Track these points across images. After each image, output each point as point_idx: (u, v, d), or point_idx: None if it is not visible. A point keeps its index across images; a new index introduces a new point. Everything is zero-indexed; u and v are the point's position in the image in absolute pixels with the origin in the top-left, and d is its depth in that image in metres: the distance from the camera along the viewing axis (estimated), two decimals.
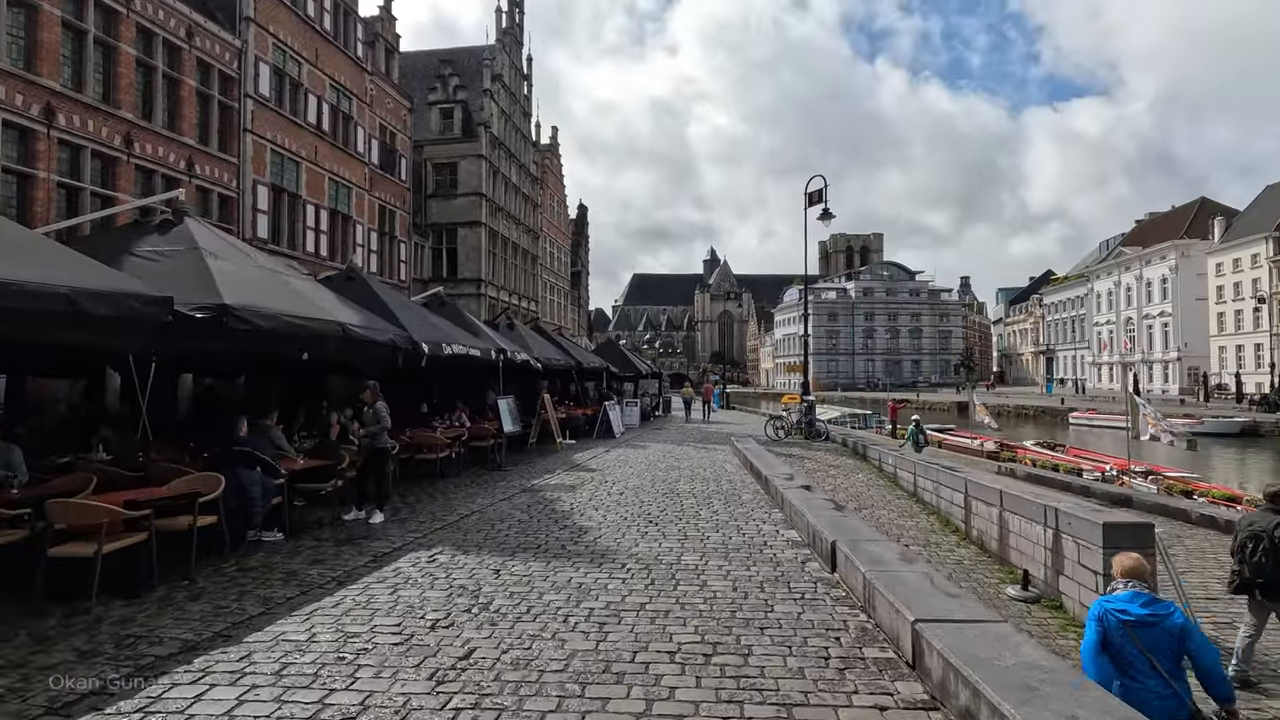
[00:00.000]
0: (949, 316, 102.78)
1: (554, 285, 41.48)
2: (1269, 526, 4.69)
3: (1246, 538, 4.84)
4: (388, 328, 8.96)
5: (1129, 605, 3.22)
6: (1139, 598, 3.25)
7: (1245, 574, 4.83)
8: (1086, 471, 18.94)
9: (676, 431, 22.21)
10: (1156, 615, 3.18)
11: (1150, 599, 3.28)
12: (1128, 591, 3.29)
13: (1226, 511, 11.18)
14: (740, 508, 8.40)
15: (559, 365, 18.58)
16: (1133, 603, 3.23)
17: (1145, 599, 3.25)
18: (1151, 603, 3.25)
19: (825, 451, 16.32)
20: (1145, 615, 3.17)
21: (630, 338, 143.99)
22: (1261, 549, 4.63)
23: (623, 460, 13.75)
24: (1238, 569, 4.93)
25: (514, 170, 33.83)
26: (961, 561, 8.45)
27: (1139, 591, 3.28)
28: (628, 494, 9.46)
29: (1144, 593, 3.29)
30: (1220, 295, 53.65)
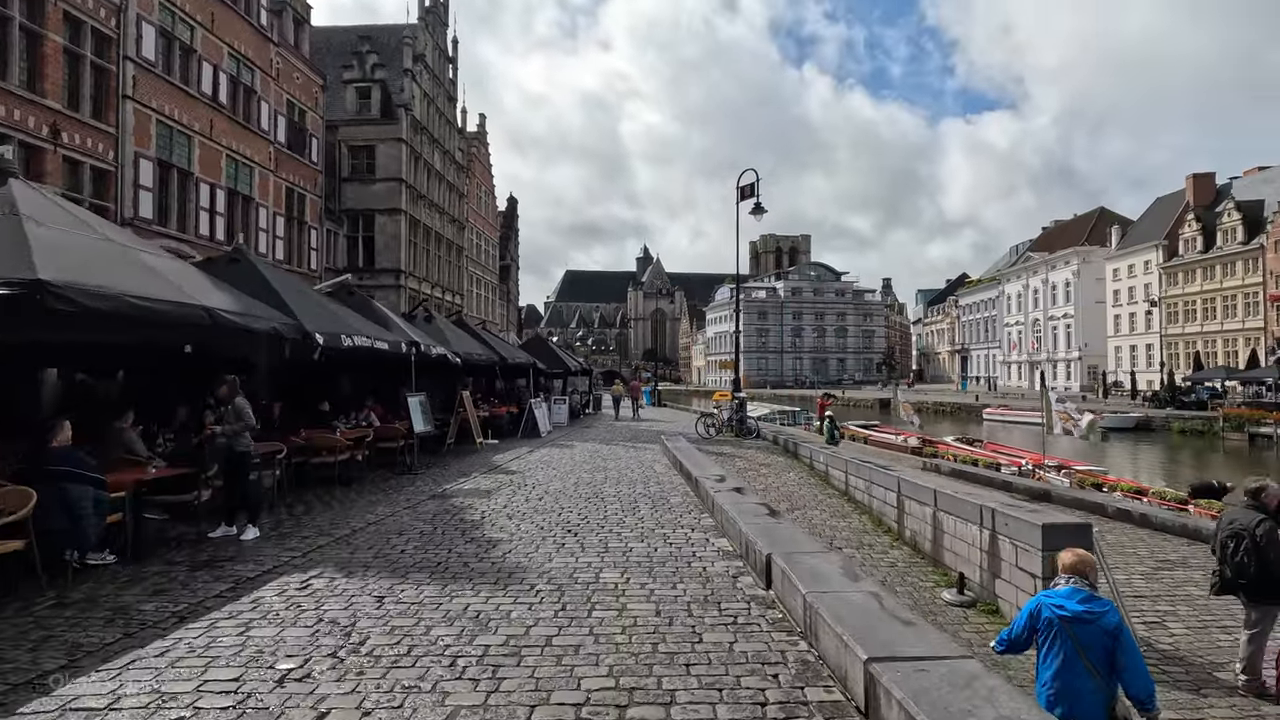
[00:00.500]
0: (872, 316, 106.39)
1: (481, 279, 40.00)
2: (1250, 525, 4.45)
3: (1227, 537, 4.59)
4: (273, 315, 7.87)
5: (1067, 601, 3.18)
6: (1078, 594, 3.21)
7: (1227, 574, 4.58)
8: (1004, 466, 19.39)
9: (605, 430, 21.53)
10: (1093, 613, 3.15)
11: (1088, 596, 3.23)
12: (1068, 588, 3.25)
13: (1140, 505, 11.45)
14: (668, 513, 7.79)
15: (481, 361, 17.54)
16: (1071, 599, 3.19)
17: (1083, 595, 3.20)
18: (1089, 600, 3.20)
19: (756, 450, 16.00)
20: (1082, 612, 3.13)
21: (563, 334, 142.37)
22: (1243, 548, 4.39)
23: (546, 461, 12.95)
24: (1219, 569, 4.69)
25: (438, 157, 32.27)
26: (895, 564, 8.14)
27: (1078, 588, 3.24)
28: (547, 499, 8.70)
29: (1083, 589, 3.24)
30: (1116, 299, 57.40)
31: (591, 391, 34.45)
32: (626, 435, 19.52)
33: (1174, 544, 9.69)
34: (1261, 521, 4.51)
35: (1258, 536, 4.41)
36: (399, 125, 27.49)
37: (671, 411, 35.90)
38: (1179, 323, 50.31)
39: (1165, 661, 5.76)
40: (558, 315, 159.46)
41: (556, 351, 27.48)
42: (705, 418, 20.00)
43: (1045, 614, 3.22)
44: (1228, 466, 28.26)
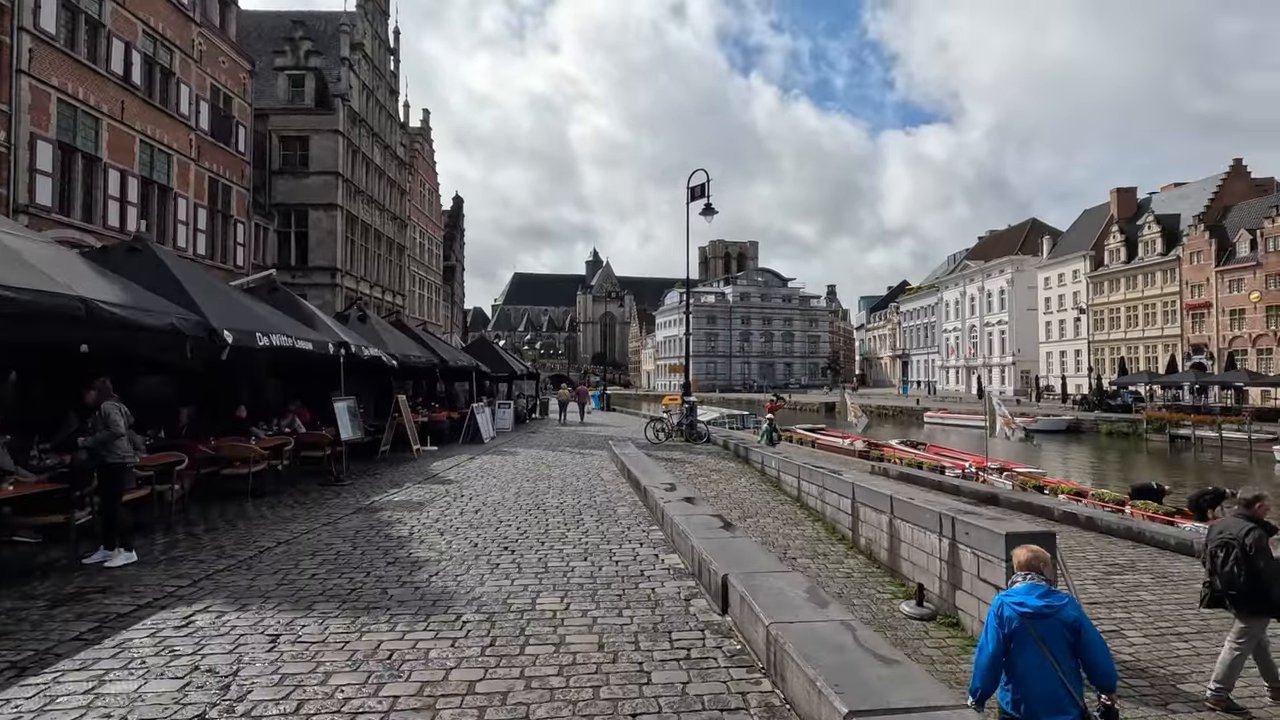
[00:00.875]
0: (818, 322, 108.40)
1: (424, 279, 38.64)
2: (1239, 534, 4.23)
3: (1217, 547, 4.37)
4: (172, 310, 7.01)
5: (1026, 597, 3.17)
6: (1035, 589, 3.19)
7: (1217, 585, 4.36)
8: (948, 469, 19.61)
9: (551, 435, 20.84)
10: (1052, 607, 3.13)
11: (1046, 590, 3.20)
12: (1025, 584, 3.23)
13: (1085, 508, 11.54)
14: (615, 525, 7.26)
15: (420, 364, 16.66)
16: (1030, 595, 3.17)
17: (1042, 590, 3.18)
18: (1048, 594, 3.18)
19: (706, 455, 15.63)
20: (1041, 607, 3.12)
21: (510, 338, 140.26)
22: (1233, 558, 4.17)
23: (487, 469, 12.24)
24: (1209, 580, 4.47)
25: (378, 151, 30.95)
26: (851, 574, 7.81)
27: (1035, 584, 3.22)
28: (484, 512, 8.04)
29: (1040, 584, 3.21)
30: (1047, 306, 59.90)
31: (539, 396, 33.63)
32: (573, 441, 18.89)
33: (1120, 547, 9.71)
34: (1251, 530, 4.31)
35: (1247, 546, 4.21)
36: (335, 116, 26.17)
37: (620, 416, 35.36)
38: (1105, 329, 52.77)
39: (1129, 674, 5.55)
40: (505, 318, 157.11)
41: (502, 354, 26.63)
42: (654, 422, 19.57)
43: (1007, 613, 3.17)
44: (1151, 466, 29.57)
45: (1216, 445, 32.08)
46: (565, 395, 30.78)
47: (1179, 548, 9.33)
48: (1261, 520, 4.48)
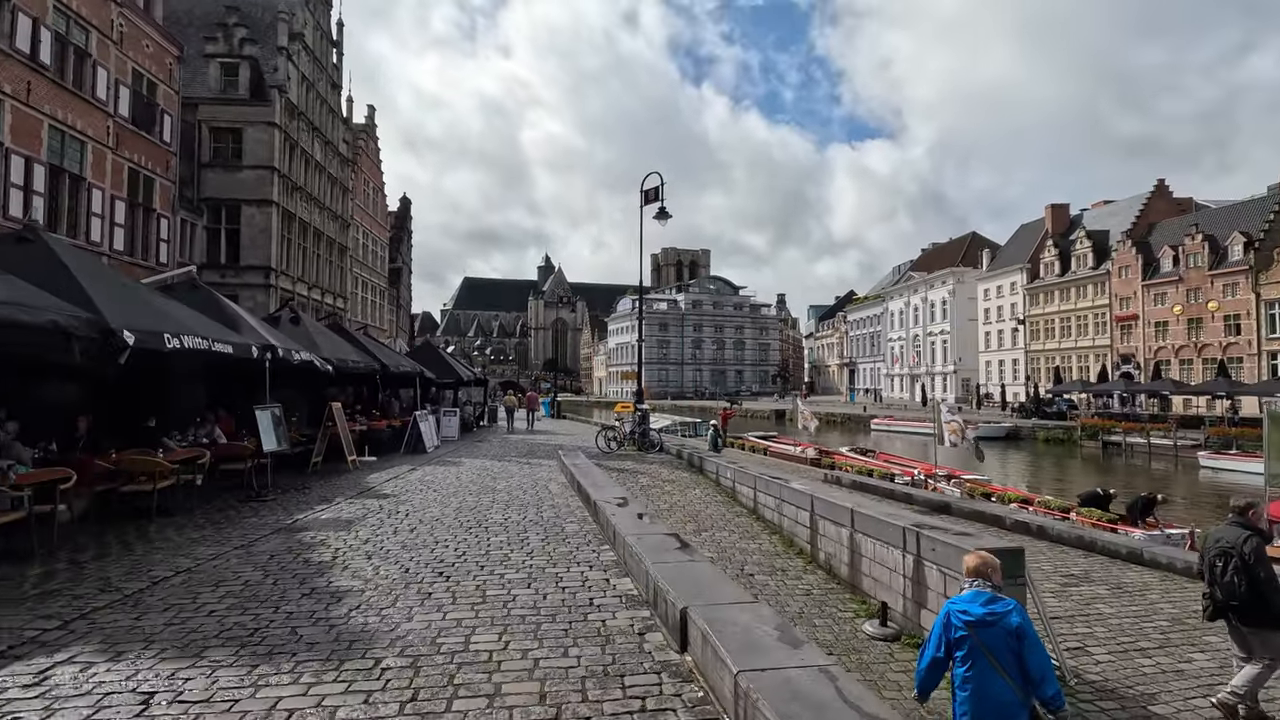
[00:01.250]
0: (768, 330, 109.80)
1: (368, 282, 37.19)
2: (1237, 542, 4.01)
3: (1215, 556, 4.15)
4: (53, 307, 6.16)
5: (970, 605, 3.14)
6: (980, 596, 3.16)
7: (1218, 596, 4.13)
8: (898, 476, 19.73)
9: (499, 444, 20.08)
10: (995, 614, 3.08)
11: (991, 598, 3.16)
12: (970, 591, 3.22)
13: (1036, 517, 11.58)
14: (562, 545, 6.72)
15: (359, 369, 15.74)
16: (974, 602, 3.15)
17: (986, 598, 3.15)
18: (991, 601, 3.14)
19: (659, 464, 15.20)
20: (984, 614, 3.08)
21: (460, 343, 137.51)
22: (1232, 567, 3.95)
23: (428, 482, 11.49)
24: (1209, 592, 4.24)
25: (318, 147, 29.60)
26: (810, 592, 7.46)
27: (980, 590, 3.20)
28: (420, 530, 7.38)
29: (985, 591, 3.19)
30: (987, 317, 61.97)
31: (487, 403, 32.67)
32: (521, 450, 18.20)
33: (1072, 556, 9.68)
34: (1249, 538, 4.12)
35: (1245, 554, 4.02)
36: (271, 108, 24.81)
37: (571, 423, 34.67)
38: (1041, 339, 54.86)
39: (1098, 696, 5.34)
40: (455, 323, 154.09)
41: (448, 359, 25.67)
42: (606, 430, 19.04)
43: (953, 621, 3.14)
44: (1084, 472, 30.62)
45: (1145, 451, 33.49)
46: (513, 402, 29.95)
47: (1130, 557, 9.34)
48: (1258, 527, 4.31)
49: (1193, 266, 42.31)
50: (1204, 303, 41.63)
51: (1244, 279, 39.28)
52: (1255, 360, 38.41)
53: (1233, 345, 39.91)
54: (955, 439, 18.60)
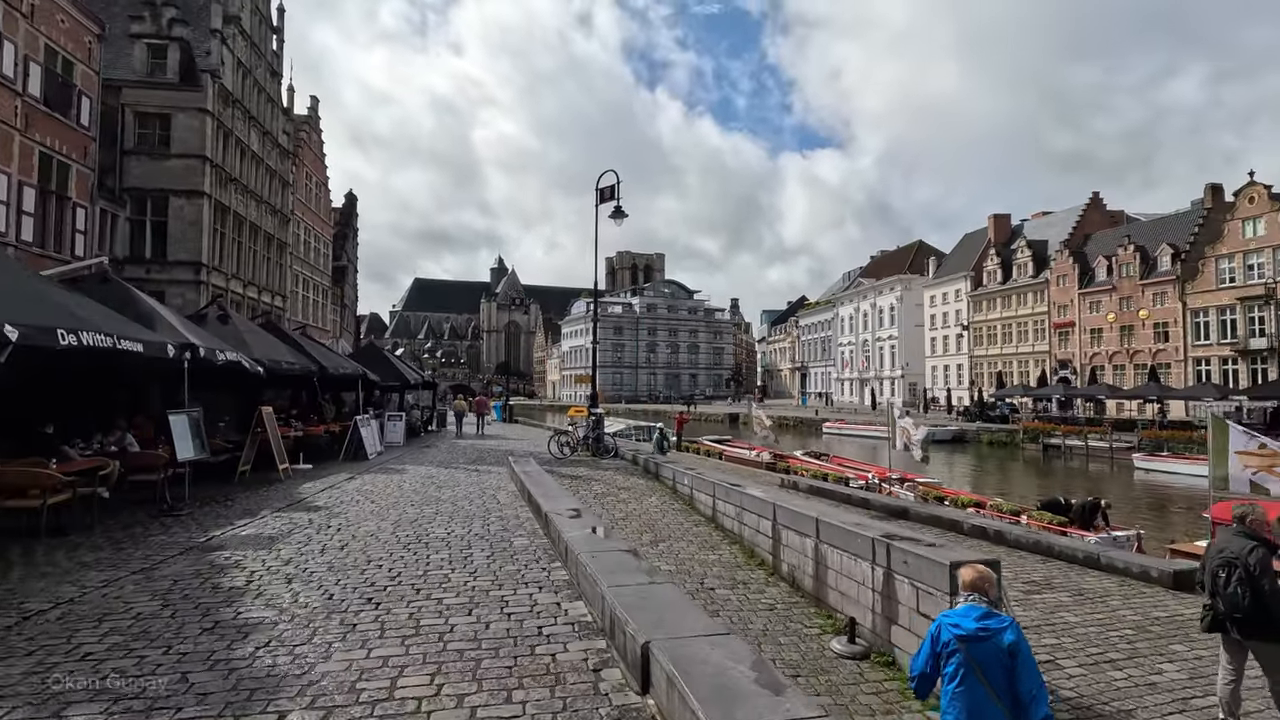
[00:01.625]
0: (722, 334, 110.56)
1: (309, 280, 35.57)
2: (1241, 553, 3.77)
3: (1218, 566, 3.91)
4: None
5: (963, 619, 3.02)
6: (974, 611, 3.04)
7: (1219, 608, 3.88)
8: (852, 480, 19.72)
9: (446, 450, 19.24)
10: (988, 630, 2.95)
11: (985, 613, 3.04)
12: (965, 605, 3.10)
13: (995, 522, 11.53)
14: (510, 563, 6.16)
15: (293, 370, 14.76)
16: (967, 616, 3.03)
17: (980, 613, 3.02)
18: (986, 617, 3.02)
19: (614, 471, 14.70)
20: (976, 630, 2.95)
21: (410, 346, 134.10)
22: (1235, 578, 3.71)
23: (366, 492, 10.71)
24: (1209, 603, 4.00)
25: (255, 137, 28.08)
26: (774, 606, 7.08)
27: (975, 605, 3.07)
28: (352, 548, 6.70)
29: (980, 606, 3.05)
30: (933, 323, 63.62)
31: (435, 407, 31.58)
32: (469, 456, 17.43)
33: (1031, 562, 9.59)
34: (1255, 548, 3.90)
35: (1250, 565, 3.79)
36: (203, 93, 23.33)
37: (523, 428, 33.83)
38: (984, 345, 56.55)
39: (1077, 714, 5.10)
40: (405, 325, 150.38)
41: (393, 361, 24.62)
42: (559, 435, 18.45)
43: (944, 635, 3.02)
44: (1026, 473, 31.49)
45: (1083, 454, 34.68)
46: (462, 406, 29.00)
47: (1086, 561, 9.27)
48: (1263, 537, 4.11)
49: (1125, 276, 44.22)
50: (1135, 311, 43.54)
51: (1172, 288, 41.22)
52: (1182, 366, 40.31)
53: (1161, 352, 41.82)
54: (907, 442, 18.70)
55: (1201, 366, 39.49)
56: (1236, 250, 37.71)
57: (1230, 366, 37.97)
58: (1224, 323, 38.44)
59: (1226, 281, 38.30)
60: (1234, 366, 37.83)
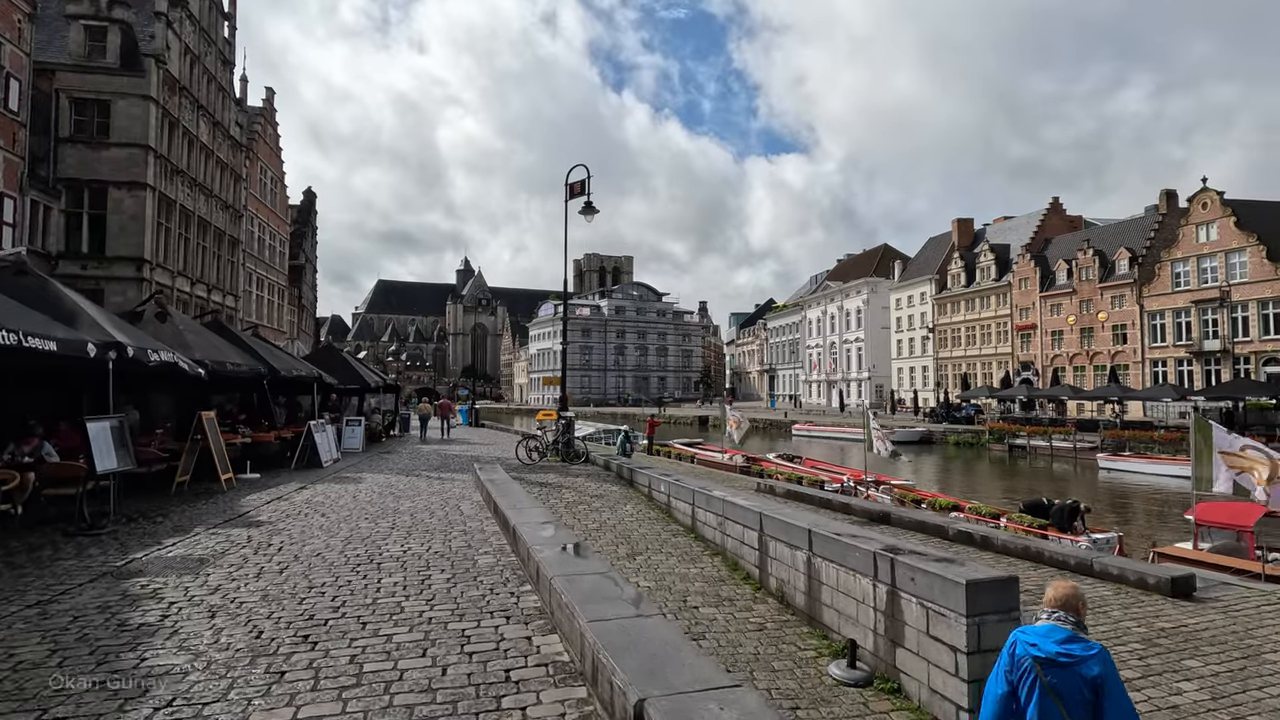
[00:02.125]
0: (690, 337, 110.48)
1: (264, 279, 34.07)
2: None
3: None
4: None
5: (1041, 640, 2.72)
6: (1056, 632, 2.73)
7: None
8: (827, 483, 19.39)
9: (408, 456, 18.31)
10: (1071, 656, 2.62)
11: (1069, 636, 2.72)
12: (1047, 624, 2.80)
13: (981, 528, 11.18)
14: (473, 586, 5.46)
15: (240, 372, 13.75)
16: (1047, 637, 2.72)
17: (1064, 635, 2.70)
18: (1070, 640, 2.69)
19: (586, 477, 14.02)
20: (1056, 653, 2.64)
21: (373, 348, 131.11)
22: None
23: (316, 504, 9.85)
24: None
25: (205, 128, 26.67)
26: (764, 626, 6.51)
27: (1059, 625, 2.75)
28: (293, 571, 5.92)
29: (1063, 628, 2.74)
30: (899, 325, 64.30)
31: (398, 411, 30.44)
32: (433, 463, 16.55)
33: (1021, 569, 9.21)
34: None
35: None
36: (146, 79, 21.96)
37: (490, 432, 32.86)
38: (949, 347, 57.29)
39: None
40: (368, 327, 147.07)
41: (352, 363, 23.52)
42: (527, 440, 17.69)
43: (1019, 651, 2.76)
44: (993, 474, 31.72)
45: (1048, 454, 35.15)
46: (426, 410, 27.95)
47: (1079, 568, 8.91)
48: None
49: (1084, 279, 45.13)
50: (1095, 313, 44.46)
51: (1129, 291, 42.18)
52: (1140, 367, 41.25)
53: (1120, 353, 42.75)
54: (880, 444, 18.48)
55: (1158, 368, 40.44)
56: (1190, 254, 38.72)
57: (1185, 368, 38.94)
58: (1179, 325, 39.44)
59: (1181, 285, 39.31)
60: (1189, 368, 38.82)
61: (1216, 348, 37.05)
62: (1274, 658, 5.94)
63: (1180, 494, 24.08)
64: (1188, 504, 22.39)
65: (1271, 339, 34.89)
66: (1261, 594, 7.99)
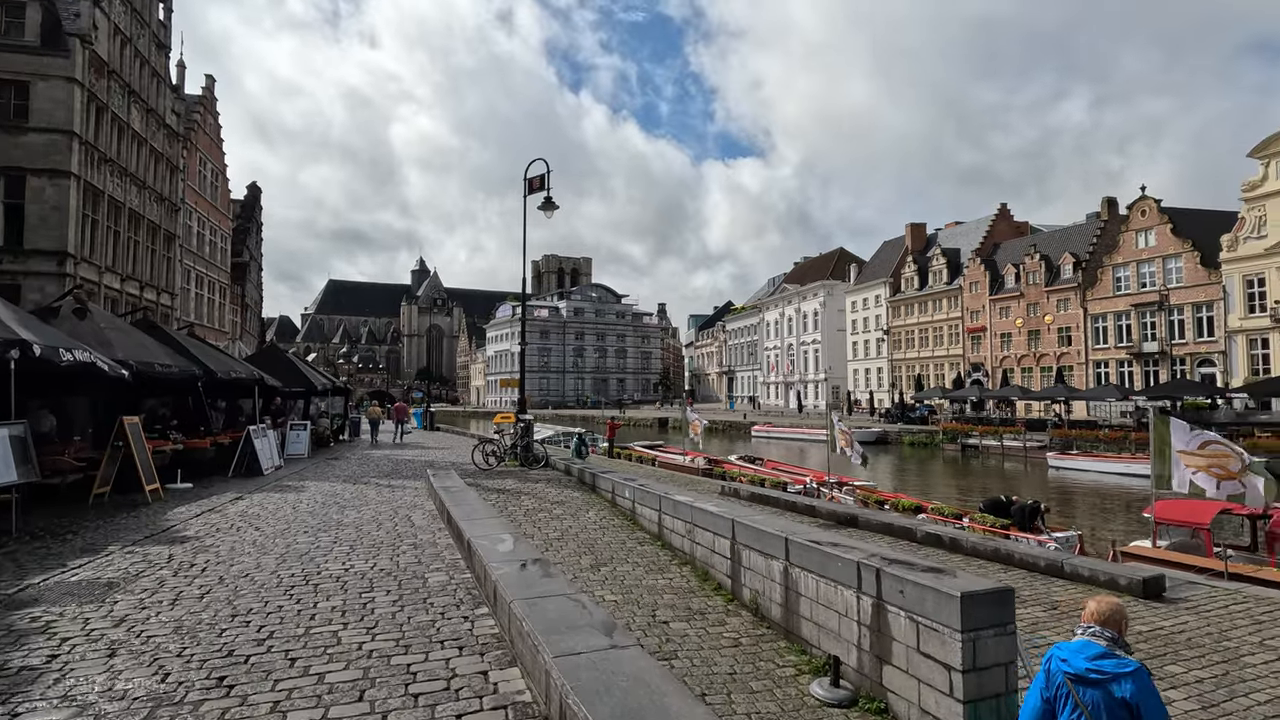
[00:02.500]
0: (650, 339, 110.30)
1: (204, 277, 32.33)
2: None
3: None
4: None
5: (1074, 655, 2.60)
6: (1089, 648, 2.58)
7: None
8: (790, 485, 19.25)
9: (358, 462, 17.40)
10: (1103, 673, 2.48)
11: (1103, 652, 2.55)
12: (1081, 639, 2.66)
13: (949, 529, 11.05)
14: (422, 610, 4.90)
15: (171, 374, 12.75)
16: (1080, 653, 2.59)
17: (1097, 651, 2.55)
18: (1103, 656, 2.53)
19: (546, 482, 13.45)
20: (1087, 669, 2.50)
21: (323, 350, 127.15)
22: None
23: (251, 517, 9.06)
24: None
25: (137, 115, 25.08)
26: (739, 641, 6.10)
27: (1093, 641, 2.60)
28: (215, 597, 5.25)
29: (1097, 643, 2.58)
30: (854, 327, 65.30)
31: (348, 415, 29.22)
32: (383, 469, 15.73)
33: (992, 571, 9.07)
34: None
35: None
36: (70, 59, 20.44)
37: (445, 436, 31.85)
38: (903, 349, 58.38)
39: None
40: (318, 328, 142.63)
41: (298, 365, 22.37)
42: (484, 444, 17.00)
43: (1053, 667, 2.67)
44: (947, 473, 32.25)
45: (999, 453, 35.97)
46: (378, 413, 26.86)
47: (1049, 570, 8.78)
48: None
49: (1031, 283, 46.50)
50: (1041, 316, 45.83)
51: (1074, 295, 43.60)
52: (1084, 368, 42.65)
53: (1065, 354, 44.15)
54: (844, 447, 18.36)
55: (1101, 369, 41.88)
56: (1130, 260, 40.22)
57: (1126, 368, 40.41)
58: (1120, 327, 40.92)
59: (1122, 289, 40.79)
60: (1129, 369, 40.29)
61: (1155, 349, 38.53)
62: (1253, 660, 5.81)
63: (1126, 491, 24.81)
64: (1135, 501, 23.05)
65: (1205, 341, 36.45)
66: (1227, 593, 7.97)
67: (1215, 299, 35.73)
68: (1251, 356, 34.20)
